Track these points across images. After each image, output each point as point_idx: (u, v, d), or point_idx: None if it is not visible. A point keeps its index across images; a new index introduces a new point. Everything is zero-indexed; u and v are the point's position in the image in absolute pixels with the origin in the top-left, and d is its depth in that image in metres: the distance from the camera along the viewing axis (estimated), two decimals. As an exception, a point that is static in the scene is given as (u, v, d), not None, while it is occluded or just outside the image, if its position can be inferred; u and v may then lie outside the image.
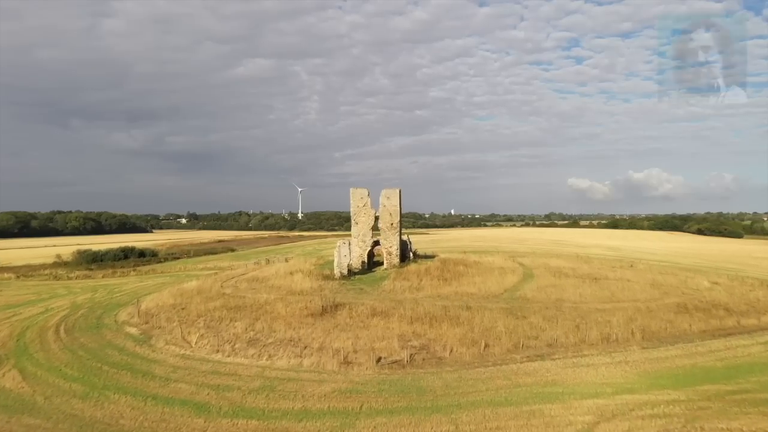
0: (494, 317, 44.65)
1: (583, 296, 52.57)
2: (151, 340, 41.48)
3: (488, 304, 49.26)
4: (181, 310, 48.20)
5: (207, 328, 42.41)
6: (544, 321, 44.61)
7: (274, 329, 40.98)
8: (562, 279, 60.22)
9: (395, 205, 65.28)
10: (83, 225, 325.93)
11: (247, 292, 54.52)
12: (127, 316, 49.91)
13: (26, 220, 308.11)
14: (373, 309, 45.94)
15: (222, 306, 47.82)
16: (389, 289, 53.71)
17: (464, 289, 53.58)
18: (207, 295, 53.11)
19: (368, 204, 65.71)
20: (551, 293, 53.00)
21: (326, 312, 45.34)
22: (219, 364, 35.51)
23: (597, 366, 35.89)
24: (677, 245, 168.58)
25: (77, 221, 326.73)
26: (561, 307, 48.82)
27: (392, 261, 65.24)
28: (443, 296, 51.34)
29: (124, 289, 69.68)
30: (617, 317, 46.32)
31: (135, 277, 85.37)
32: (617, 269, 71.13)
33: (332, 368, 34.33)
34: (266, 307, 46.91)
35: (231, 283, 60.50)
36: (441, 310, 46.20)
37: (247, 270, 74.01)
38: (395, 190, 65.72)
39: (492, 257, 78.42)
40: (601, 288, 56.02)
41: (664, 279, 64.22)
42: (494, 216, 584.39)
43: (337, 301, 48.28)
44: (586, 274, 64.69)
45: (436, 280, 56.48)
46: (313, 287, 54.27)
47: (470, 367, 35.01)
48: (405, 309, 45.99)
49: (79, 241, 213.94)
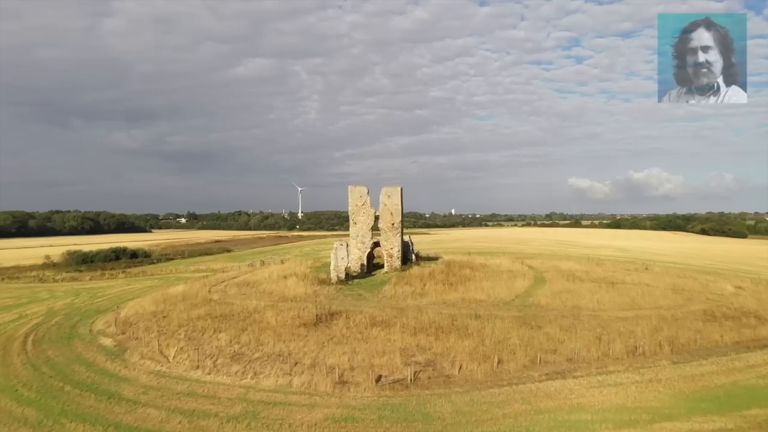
0: (507, 327, 40.19)
1: (602, 303, 48.08)
2: (125, 354, 37.05)
3: (499, 312, 44.78)
4: (162, 318, 43.76)
5: (188, 340, 37.96)
6: (561, 331, 40.16)
7: (261, 342, 36.51)
8: (577, 283, 55.72)
9: (396, 203, 60.83)
10: (81, 225, 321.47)
11: (235, 298, 50.05)
12: (104, 324, 45.51)
13: (24, 220, 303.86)
14: (373, 318, 41.49)
15: (207, 314, 43.37)
16: (390, 295, 49.25)
17: (472, 294, 49.09)
18: (192, 301, 48.67)
19: (368, 203, 61.25)
20: (567, 299, 48.53)
21: (321, 321, 40.88)
22: (197, 383, 31.06)
23: (626, 385, 31.45)
24: (684, 245, 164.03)
25: (75, 221, 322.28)
26: (579, 316, 44.35)
27: (393, 264, 60.78)
28: (449, 303, 46.87)
29: (109, 293, 65.25)
30: (641, 327, 41.88)
31: (123, 279, 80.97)
32: (632, 272, 66.63)
33: (325, 389, 29.89)
34: (255, 316, 42.46)
35: (220, 287, 56.05)
36: (447, 319, 41.74)
37: (239, 273, 69.59)
38: (396, 188, 61.27)
39: (499, 259, 73.95)
40: (619, 294, 51.53)
41: (685, 283, 59.73)
42: (495, 216, 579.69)
43: (333, 309, 43.84)
44: (601, 277, 60.19)
45: (441, 284, 52.01)
46: (308, 293, 49.81)
47: (483, 388, 30.57)
48: (408, 318, 41.54)
49: (76, 241, 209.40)
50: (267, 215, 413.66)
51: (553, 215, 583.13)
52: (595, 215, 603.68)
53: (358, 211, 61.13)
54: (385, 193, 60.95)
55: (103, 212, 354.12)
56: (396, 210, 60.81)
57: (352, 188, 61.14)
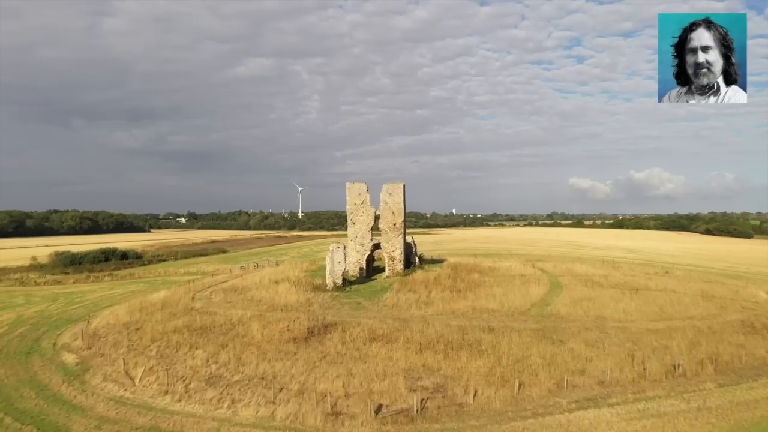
0: (525, 342, 34.99)
1: (628, 312, 42.86)
2: (87, 375, 31.92)
3: (514, 323, 39.57)
4: (135, 331, 38.58)
5: (159, 358, 32.80)
6: (587, 347, 34.97)
7: (243, 361, 31.35)
8: (597, 289, 50.49)
9: (399, 202, 55.63)
10: (79, 224, 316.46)
11: (220, 306, 44.87)
12: (71, 337, 40.36)
13: (21, 220, 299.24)
14: (373, 331, 36.29)
15: (185, 326, 38.18)
16: (392, 303, 44.04)
17: (483, 303, 43.86)
18: (171, 310, 43.51)
19: (367, 201, 56.05)
20: (588, 309, 43.31)
21: (313, 336, 35.69)
22: (163, 414, 25.89)
23: (672, 416, 26.30)
24: (694, 246, 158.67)
25: (73, 221, 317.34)
26: (605, 328, 39.12)
27: (395, 267, 55.55)
28: (458, 313, 41.65)
29: (88, 298, 60.09)
30: (676, 341, 36.71)
31: (108, 283, 75.85)
32: (653, 276, 61.38)
33: (315, 423, 24.74)
34: (239, 329, 37.27)
35: (205, 294, 50.86)
36: (457, 332, 36.55)
37: (229, 276, 64.42)
38: (398, 185, 56.06)
39: (508, 262, 68.67)
40: (646, 301, 46.31)
41: (713, 289, 54.50)
42: (496, 216, 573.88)
43: (328, 321, 38.67)
44: (621, 282, 54.95)
45: (448, 291, 46.80)
46: (300, 301, 44.62)
47: (503, 420, 25.40)
48: (412, 331, 36.35)
49: (72, 241, 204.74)
50: (267, 215, 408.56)
51: (555, 215, 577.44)
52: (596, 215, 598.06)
53: (356, 211, 55.95)
54: (386, 190, 55.76)
55: (102, 212, 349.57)
56: (398, 209, 55.64)
57: (351, 185, 55.96)
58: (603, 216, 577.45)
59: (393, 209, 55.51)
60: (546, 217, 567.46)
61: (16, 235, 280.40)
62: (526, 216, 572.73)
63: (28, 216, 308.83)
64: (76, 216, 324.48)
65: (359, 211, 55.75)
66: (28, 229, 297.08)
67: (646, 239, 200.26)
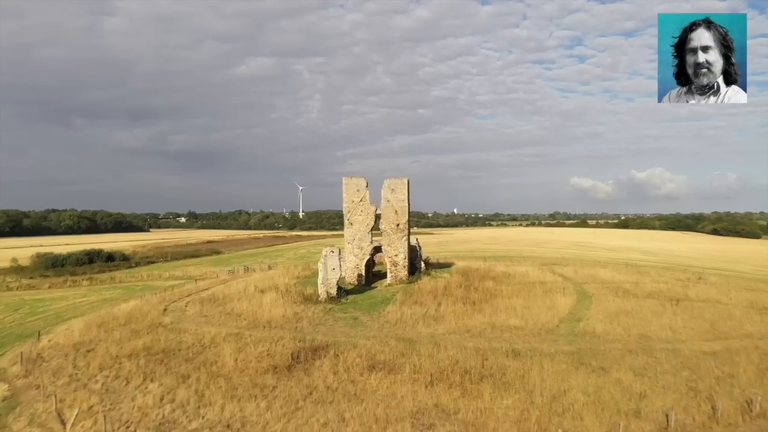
0: (560, 372, 28.01)
1: (675, 330, 35.83)
2: (11, 414, 25.03)
3: (543, 344, 32.59)
4: (85, 354, 31.66)
5: (104, 394, 25.87)
6: (637, 378, 27.99)
7: (207, 400, 24.39)
8: (631, 300, 43.48)
9: (402, 199, 48.66)
10: (77, 224, 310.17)
11: (192, 322, 37.94)
12: (10, 361, 33.49)
13: (18, 219, 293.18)
14: (372, 357, 29.35)
15: (145, 349, 31.25)
16: (395, 318, 37.04)
17: (502, 318, 36.86)
18: (135, 326, 36.61)
19: (366, 198, 49.09)
20: (629, 325, 36.29)
21: (298, 363, 28.74)
22: (87, 482, 18.93)
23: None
24: (706, 247, 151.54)
25: (71, 220, 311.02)
26: (652, 350, 32.10)
27: (398, 274, 48.56)
28: (474, 331, 34.64)
29: (54, 307, 53.24)
30: (742, 368, 29.75)
31: (85, 288, 69.03)
32: (687, 283, 54.29)
33: (291, 499, 17.76)
34: (208, 353, 30.33)
35: (179, 305, 43.92)
36: (475, 357, 29.60)
37: (214, 282, 57.48)
38: (402, 180, 49.09)
39: (523, 266, 61.59)
40: (692, 316, 39.30)
41: (760, 298, 47.46)
42: (498, 215, 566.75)
43: (318, 342, 31.72)
44: (656, 291, 47.91)
45: (460, 303, 39.83)
46: (287, 316, 37.65)
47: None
48: (420, 356, 29.40)
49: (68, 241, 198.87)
50: (267, 214, 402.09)
51: (557, 215, 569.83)
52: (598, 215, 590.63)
53: (354, 209, 49.00)
54: (388, 186, 48.79)
55: (101, 211, 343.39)
56: (401, 207, 48.68)
57: (348, 180, 49.00)
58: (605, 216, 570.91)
59: (396, 208, 48.57)
60: (548, 216, 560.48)
61: (13, 235, 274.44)
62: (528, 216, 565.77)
63: (25, 215, 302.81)
64: (74, 215, 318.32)
65: (357, 210, 48.81)
66: (25, 228, 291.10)
67: (654, 239, 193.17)
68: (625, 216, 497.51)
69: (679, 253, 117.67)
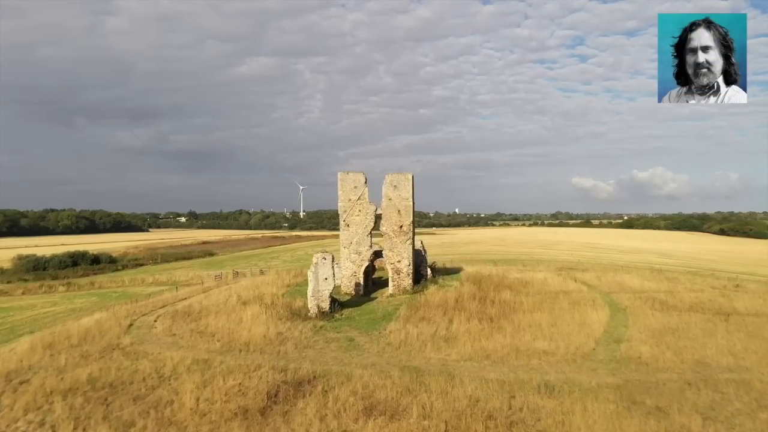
0: (608, 415, 21.67)
1: (735, 354, 29.48)
2: None
3: (580, 375, 26.28)
4: (18, 387, 25.41)
5: (19, 450, 19.63)
6: (706, 423, 21.66)
7: (148, 463, 18.12)
8: (673, 315, 37.12)
9: (406, 198, 42.41)
10: (75, 224, 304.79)
11: (157, 342, 31.71)
12: (-73, 394, 27.16)
13: (15, 219, 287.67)
14: (370, 395, 23.06)
15: (89, 381, 25.03)
16: (398, 340, 30.70)
17: (527, 340, 30.57)
18: (87, 348, 30.42)
19: (365, 196, 42.84)
20: (679, 348, 29.95)
21: (276, 404, 22.45)
22: None
23: None
24: (722, 248, 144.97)
25: (69, 220, 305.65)
26: (716, 383, 25.74)
27: (401, 283, 42.26)
28: (495, 357, 28.31)
29: (13, 319, 47.12)
30: (833, 407, 23.40)
31: (61, 294, 62.94)
32: (725, 292, 47.89)
33: None
34: (164, 389, 24.04)
35: (148, 319, 37.68)
36: (499, 395, 23.28)
37: (194, 291, 51.20)
38: (406, 176, 42.82)
39: (539, 272, 55.21)
40: (748, 334, 33.01)
41: (817, 311, 40.97)
42: (500, 215, 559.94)
43: (303, 373, 25.44)
44: (697, 303, 41.55)
45: (475, 320, 33.50)
46: (270, 336, 31.36)
47: None
48: (431, 394, 23.11)
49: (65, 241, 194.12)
50: (268, 214, 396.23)
51: (559, 214, 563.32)
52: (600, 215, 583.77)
53: (351, 209, 42.76)
54: (389, 182, 42.51)
55: (99, 211, 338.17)
56: (405, 207, 42.42)
57: (344, 176, 42.74)
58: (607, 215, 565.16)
59: (399, 207, 42.31)
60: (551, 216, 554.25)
61: (10, 235, 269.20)
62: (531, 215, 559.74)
63: (22, 215, 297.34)
64: (72, 215, 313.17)
65: (355, 210, 42.57)
66: (23, 228, 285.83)
67: (663, 240, 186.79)
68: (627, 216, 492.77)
69: (697, 255, 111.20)
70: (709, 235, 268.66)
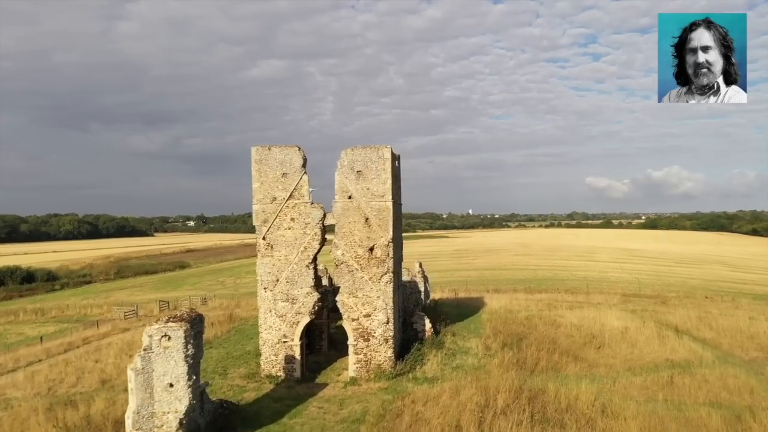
0: None
1: None
2: None
3: None
4: None
5: None
6: None
7: None
8: None
9: (381, 194, 22.07)
10: (77, 229, 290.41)
11: None
12: None
13: (15, 224, 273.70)
14: None
15: None
16: None
17: None
18: None
19: (303, 191, 22.51)
20: None
21: None
22: None
23: None
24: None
25: (71, 225, 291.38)
26: None
27: (373, 358, 21.81)
28: None
29: None
30: None
31: None
32: None
33: None
34: None
35: None
36: None
37: (84, 335, 31.45)
38: (380, 152, 22.35)
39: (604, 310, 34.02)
40: None
41: None
42: (515, 216, 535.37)
43: None
44: None
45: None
46: None
47: None
48: None
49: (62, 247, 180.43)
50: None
51: (575, 215, 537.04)
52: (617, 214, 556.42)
53: (272, 215, 22.55)
54: (348, 164, 22.21)
55: (103, 215, 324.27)
56: (380, 210, 22.12)
57: (261, 152, 22.55)
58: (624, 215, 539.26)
59: (367, 211, 22.03)
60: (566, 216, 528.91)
61: (9, 241, 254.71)
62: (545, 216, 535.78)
63: (23, 221, 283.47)
64: (74, 220, 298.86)
65: (285, 218, 22.36)
66: (22, 234, 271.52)
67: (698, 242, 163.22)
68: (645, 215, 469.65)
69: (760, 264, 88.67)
70: (743, 236, 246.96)
